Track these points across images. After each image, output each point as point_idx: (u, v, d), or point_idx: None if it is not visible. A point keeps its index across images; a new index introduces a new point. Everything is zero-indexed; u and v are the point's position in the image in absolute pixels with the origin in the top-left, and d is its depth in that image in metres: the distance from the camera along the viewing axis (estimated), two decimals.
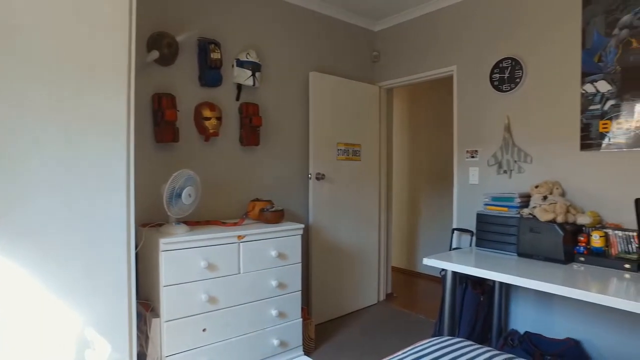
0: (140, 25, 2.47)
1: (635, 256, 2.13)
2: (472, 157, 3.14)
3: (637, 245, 2.15)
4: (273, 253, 2.54)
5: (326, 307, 3.42)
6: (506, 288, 2.93)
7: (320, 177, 3.34)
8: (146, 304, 2.27)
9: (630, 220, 2.29)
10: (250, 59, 2.89)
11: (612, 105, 2.42)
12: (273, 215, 2.69)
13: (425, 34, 3.53)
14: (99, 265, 1.83)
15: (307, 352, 2.82)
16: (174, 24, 2.64)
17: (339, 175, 3.51)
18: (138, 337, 2.16)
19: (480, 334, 2.93)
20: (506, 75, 2.90)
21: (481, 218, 2.64)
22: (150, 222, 2.50)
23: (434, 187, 4.81)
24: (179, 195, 2.25)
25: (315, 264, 3.34)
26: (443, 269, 2.36)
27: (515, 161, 2.87)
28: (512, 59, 2.87)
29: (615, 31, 2.40)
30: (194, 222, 2.64)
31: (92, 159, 1.81)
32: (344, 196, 3.55)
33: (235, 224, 2.60)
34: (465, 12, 3.21)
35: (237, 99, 2.97)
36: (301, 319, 2.73)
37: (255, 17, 3.09)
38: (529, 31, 2.81)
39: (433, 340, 1.43)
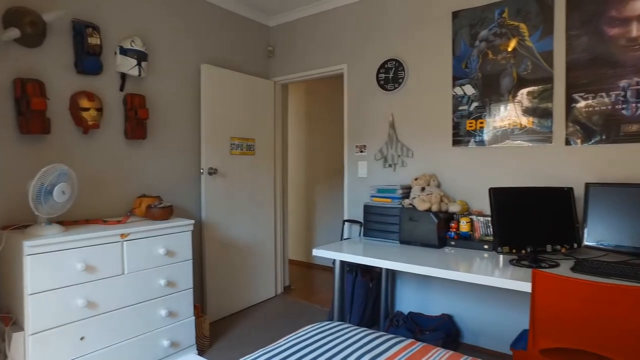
0: None
1: (491, 238, 2.46)
2: (361, 151, 3.34)
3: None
4: (161, 251, 2.43)
5: (222, 303, 3.38)
6: (392, 274, 3.17)
7: (212, 172, 3.26)
8: (7, 317, 2.02)
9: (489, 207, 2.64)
10: (136, 47, 2.71)
11: (476, 106, 2.76)
12: (161, 211, 2.57)
13: (318, 32, 3.64)
14: None
15: (201, 351, 2.76)
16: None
17: (233, 170, 3.47)
18: None
19: (371, 318, 3.14)
20: (391, 75, 3.13)
21: (368, 209, 2.82)
22: (14, 223, 2.23)
23: (329, 181, 5.00)
24: (50, 193, 2.04)
25: (209, 260, 3.26)
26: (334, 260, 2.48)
27: (399, 155, 3.12)
28: (396, 60, 3.10)
29: (477, 43, 2.74)
30: (71, 221, 2.41)
31: None
32: (238, 191, 3.52)
33: (118, 222, 2.43)
34: (355, 14, 3.38)
35: (121, 89, 2.77)
36: (194, 317, 2.66)
37: (140, 2, 2.90)
38: (411, 35, 3.06)
39: (314, 326, 1.50)
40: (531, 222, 2.12)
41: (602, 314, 1.52)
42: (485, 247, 2.42)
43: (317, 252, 2.46)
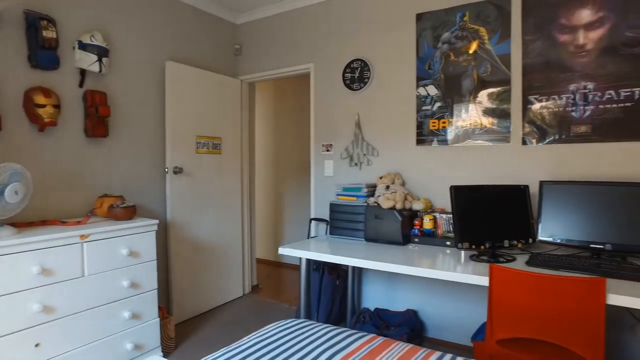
0: None
1: (453, 234, 2.54)
2: (328, 150, 3.37)
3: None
4: (124, 251, 2.37)
5: (188, 304, 3.33)
6: (358, 271, 3.22)
7: (178, 170, 3.21)
8: None
9: None
10: (96, 43, 2.63)
11: (439, 106, 2.84)
12: (124, 211, 2.51)
13: (286, 31, 3.63)
14: None
15: (166, 353, 2.72)
16: None
17: (199, 169, 3.42)
18: None
19: (338, 315, 3.18)
20: (356, 75, 3.17)
21: (334, 207, 2.85)
22: None
23: (297, 180, 5.01)
24: (2, 193, 1.95)
25: (175, 260, 3.21)
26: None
27: (365, 154, 3.17)
28: (362, 61, 3.14)
29: (439, 45, 2.82)
30: (26, 223, 2.32)
31: None
32: (204, 190, 3.47)
33: (78, 222, 2.36)
34: (322, 13, 3.40)
35: (81, 85, 2.68)
36: (158, 319, 2.61)
37: None
38: (376, 36, 3.11)
39: (278, 324, 1.51)
40: (490, 219, 2.20)
41: (551, 304, 1.60)
42: (448, 243, 2.50)
43: (282, 251, 2.46)
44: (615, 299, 1.53)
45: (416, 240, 2.61)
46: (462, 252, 2.34)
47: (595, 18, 2.29)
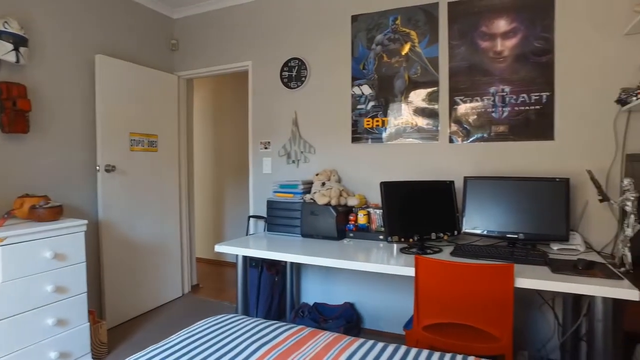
0: None
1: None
2: (266, 148, 3.38)
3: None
4: (48, 254, 2.24)
5: (123, 307, 3.20)
6: (296, 266, 3.26)
7: (110, 169, 3.08)
8: None
9: None
10: (11, 30, 2.45)
11: (372, 106, 2.94)
12: (48, 212, 2.37)
13: (223, 27, 3.59)
14: None
15: (97, 359, 2.60)
16: None
17: (134, 167, 3.30)
18: None
19: (277, 311, 3.20)
20: (294, 73, 3.20)
21: (271, 204, 2.87)
22: None
23: (237, 177, 4.97)
24: None
25: (107, 262, 3.08)
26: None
27: (302, 152, 3.21)
28: (299, 59, 3.18)
29: (373, 46, 2.92)
30: None
31: None
32: (140, 189, 3.35)
33: None
34: (260, 11, 3.40)
35: None
36: (88, 324, 2.50)
37: None
38: (313, 36, 3.16)
39: (208, 320, 1.51)
40: (418, 213, 2.33)
41: (468, 290, 1.74)
42: (381, 237, 2.60)
43: (219, 248, 2.45)
44: (522, 282, 1.69)
45: (351, 235, 2.69)
46: (394, 246, 2.45)
47: (509, 28, 2.49)
